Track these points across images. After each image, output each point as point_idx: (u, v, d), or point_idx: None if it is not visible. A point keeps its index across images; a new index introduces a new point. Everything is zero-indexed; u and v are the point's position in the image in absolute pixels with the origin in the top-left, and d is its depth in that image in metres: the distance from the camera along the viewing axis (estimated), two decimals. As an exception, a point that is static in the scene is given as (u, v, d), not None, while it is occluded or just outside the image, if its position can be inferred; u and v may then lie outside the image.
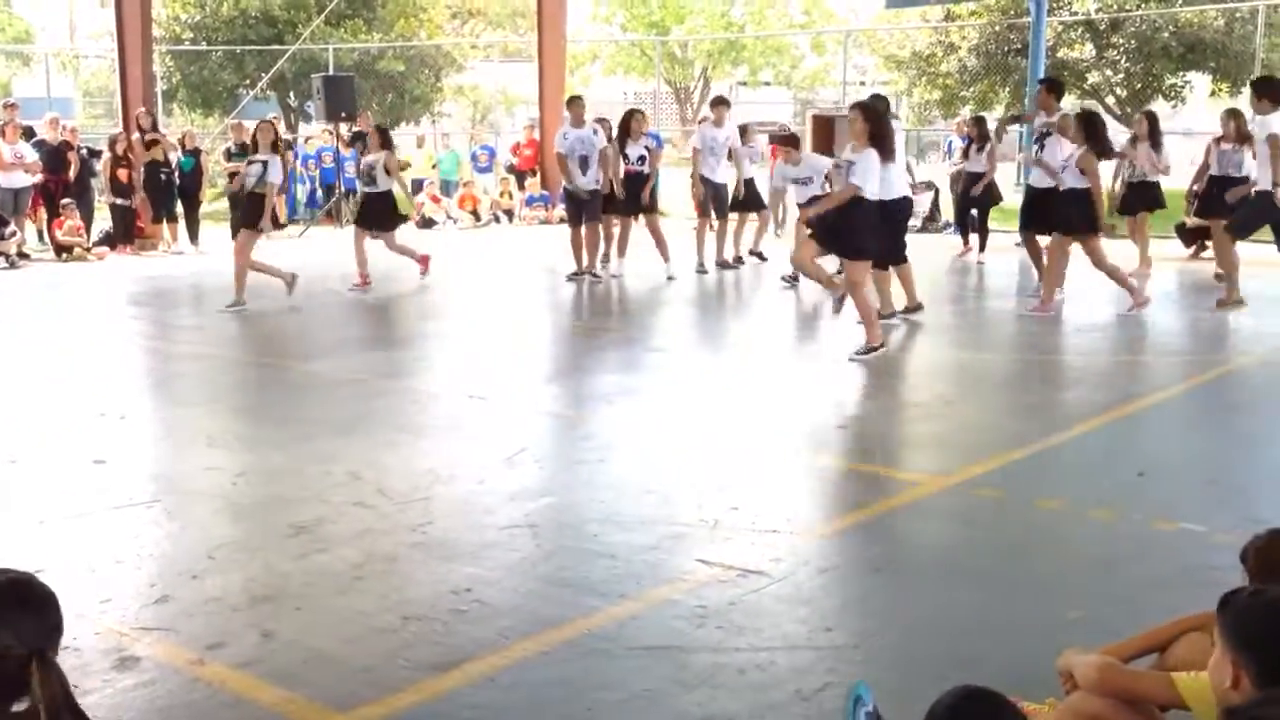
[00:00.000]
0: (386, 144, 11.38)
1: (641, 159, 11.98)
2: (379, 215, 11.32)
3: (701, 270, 12.29)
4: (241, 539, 4.44)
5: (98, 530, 4.50)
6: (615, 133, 12.11)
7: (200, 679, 3.28)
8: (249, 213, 10.19)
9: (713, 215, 12.60)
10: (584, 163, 11.53)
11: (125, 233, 15.00)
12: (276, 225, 11.16)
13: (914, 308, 9.33)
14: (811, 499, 5.00)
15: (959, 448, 5.88)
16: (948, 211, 16.06)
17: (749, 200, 12.85)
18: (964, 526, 4.64)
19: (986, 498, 4.95)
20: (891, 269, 8.96)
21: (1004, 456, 5.57)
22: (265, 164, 10.03)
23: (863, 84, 30.23)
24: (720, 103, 13.06)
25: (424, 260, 11.90)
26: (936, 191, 17.08)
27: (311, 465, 5.38)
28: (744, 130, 13.78)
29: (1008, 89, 23.41)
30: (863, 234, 7.79)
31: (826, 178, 9.73)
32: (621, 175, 11.80)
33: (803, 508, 4.83)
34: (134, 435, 6.12)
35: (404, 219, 12.38)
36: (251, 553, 4.26)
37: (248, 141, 16.12)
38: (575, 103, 11.98)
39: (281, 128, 18.10)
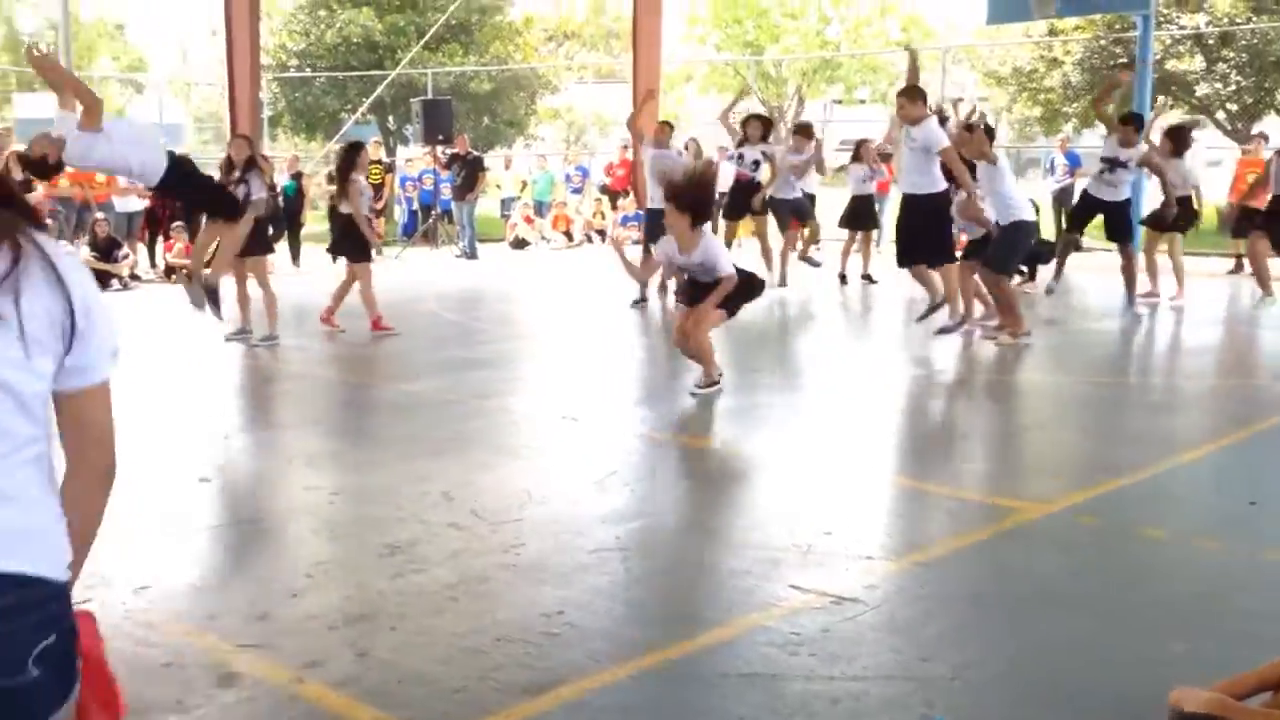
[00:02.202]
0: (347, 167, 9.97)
1: (756, 164, 12.01)
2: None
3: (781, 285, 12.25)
4: (338, 558, 4.51)
5: (202, 547, 4.61)
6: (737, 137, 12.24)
7: (298, 697, 3.33)
8: (250, 238, 9.41)
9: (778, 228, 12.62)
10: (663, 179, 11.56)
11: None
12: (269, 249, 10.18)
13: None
14: (907, 525, 4.91)
15: (1060, 474, 5.75)
16: (1047, 231, 15.73)
17: (864, 218, 12.89)
18: (1065, 555, 4.52)
19: (1088, 525, 4.82)
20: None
21: (1107, 483, 5.42)
22: (246, 183, 9.34)
23: (960, 100, 29.83)
24: (800, 131, 13.05)
25: (375, 321, 9.99)
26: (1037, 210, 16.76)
27: (406, 485, 5.45)
28: (861, 147, 13.75)
29: (1112, 105, 22.87)
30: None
31: None
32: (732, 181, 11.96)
33: (898, 534, 4.75)
34: (237, 454, 6.27)
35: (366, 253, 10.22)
36: (348, 572, 4.33)
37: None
38: (662, 126, 12.09)
39: (382, 151, 18.46)
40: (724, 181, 12.56)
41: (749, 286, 7.37)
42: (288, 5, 26.18)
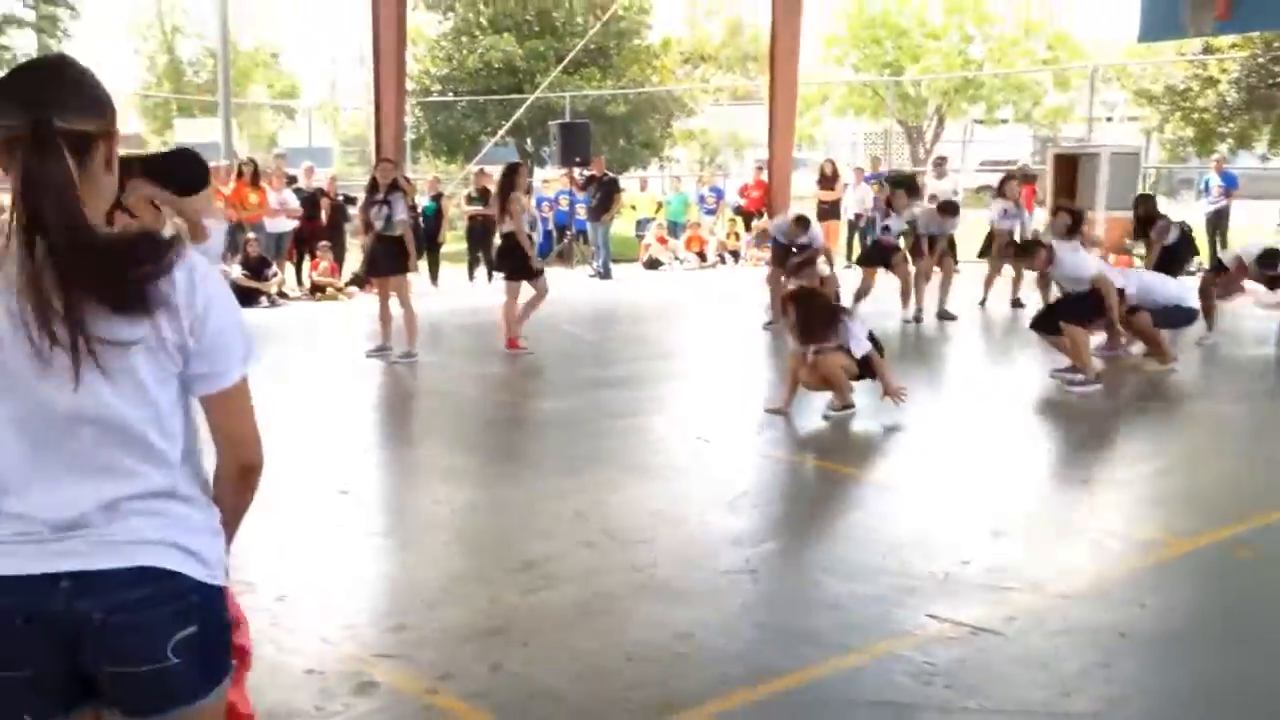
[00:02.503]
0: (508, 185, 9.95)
1: (900, 235, 11.96)
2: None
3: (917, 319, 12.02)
4: (472, 572, 4.57)
5: (341, 558, 4.72)
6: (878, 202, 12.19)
7: (433, 707, 3.38)
8: (393, 257, 9.62)
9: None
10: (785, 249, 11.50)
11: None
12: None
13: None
14: (1049, 555, 4.76)
15: (1211, 505, 5.51)
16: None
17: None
18: (1220, 589, 4.32)
19: (1242, 559, 4.60)
20: None
21: (1262, 516, 5.17)
22: (389, 204, 9.55)
23: (1109, 120, 29.04)
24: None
25: (512, 342, 10.00)
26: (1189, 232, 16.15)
27: (540, 502, 5.50)
28: (1007, 180, 13.46)
29: (1270, 125, 21.99)
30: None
31: None
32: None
33: (1039, 564, 4.60)
34: (375, 467, 6.42)
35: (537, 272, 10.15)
36: (481, 586, 4.38)
37: (488, 187, 16.92)
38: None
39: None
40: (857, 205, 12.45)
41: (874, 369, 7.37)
42: (432, 32, 26.89)
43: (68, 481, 1.72)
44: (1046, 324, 8.62)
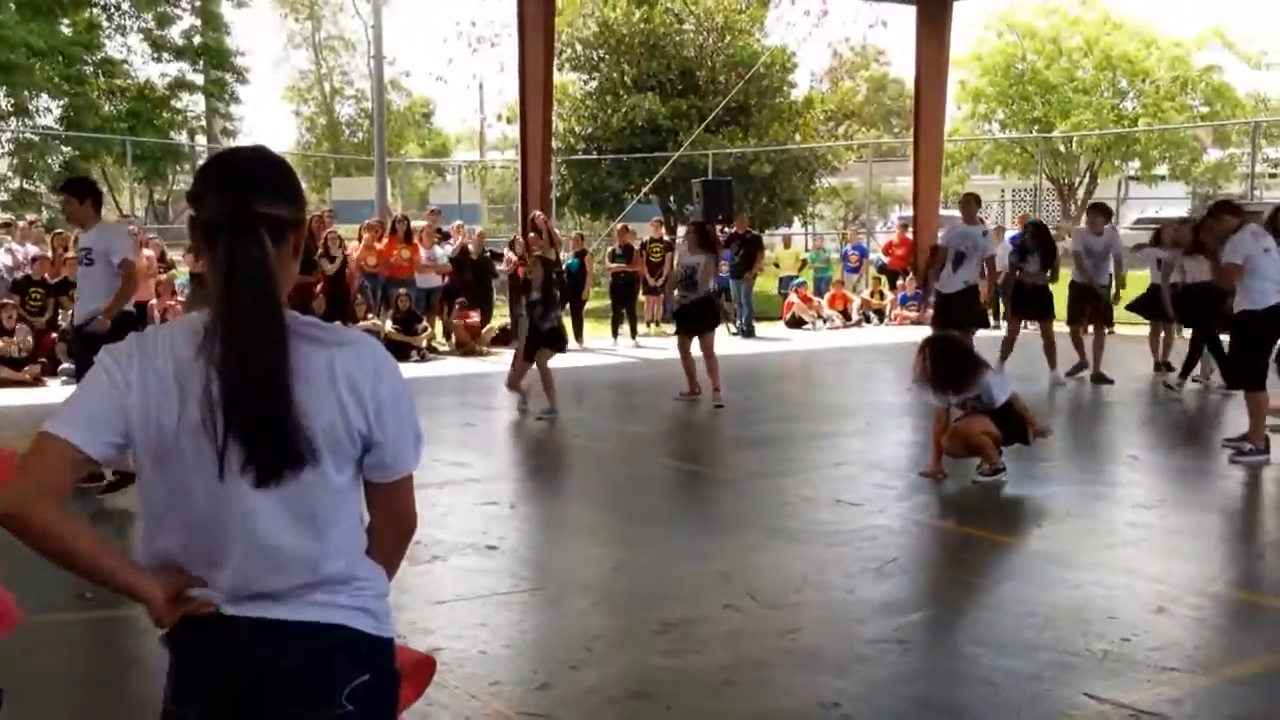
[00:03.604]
0: (707, 245, 10.61)
1: (1041, 269, 11.63)
2: (698, 319, 10.57)
3: (1073, 376, 11.62)
4: (616, 632, 4.57)
5: (487, 614, 4.77)
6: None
7: (576, 770, 3.38)
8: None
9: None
10: (959, 259, 11.22)
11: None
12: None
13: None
14: (1219, 635, 4.53)
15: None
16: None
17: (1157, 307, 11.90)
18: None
19: None
20: None
21: None
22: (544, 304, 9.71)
23: (1274, 177, 27.90)
24: (1096, 210, 12.37)
25: (692, 389, 10.59)
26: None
27: (683, 562, 5.48)
28: (1162, 230, 12.94)
29: None
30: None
31: None
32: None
33: (1207, 644, 4.38)
34: (521, 524, 6.49)
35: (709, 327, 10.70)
36: (625, 647, 4.38)
37: (631, 244, 17.13)
38: (969, 200, 11.77)
39: (663, 230, 18.87)
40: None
41: (1020, 428, 7.17)
42: (576, 92, 27.46)
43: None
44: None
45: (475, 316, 15.71)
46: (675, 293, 10.91)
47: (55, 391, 11.04)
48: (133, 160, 23.78)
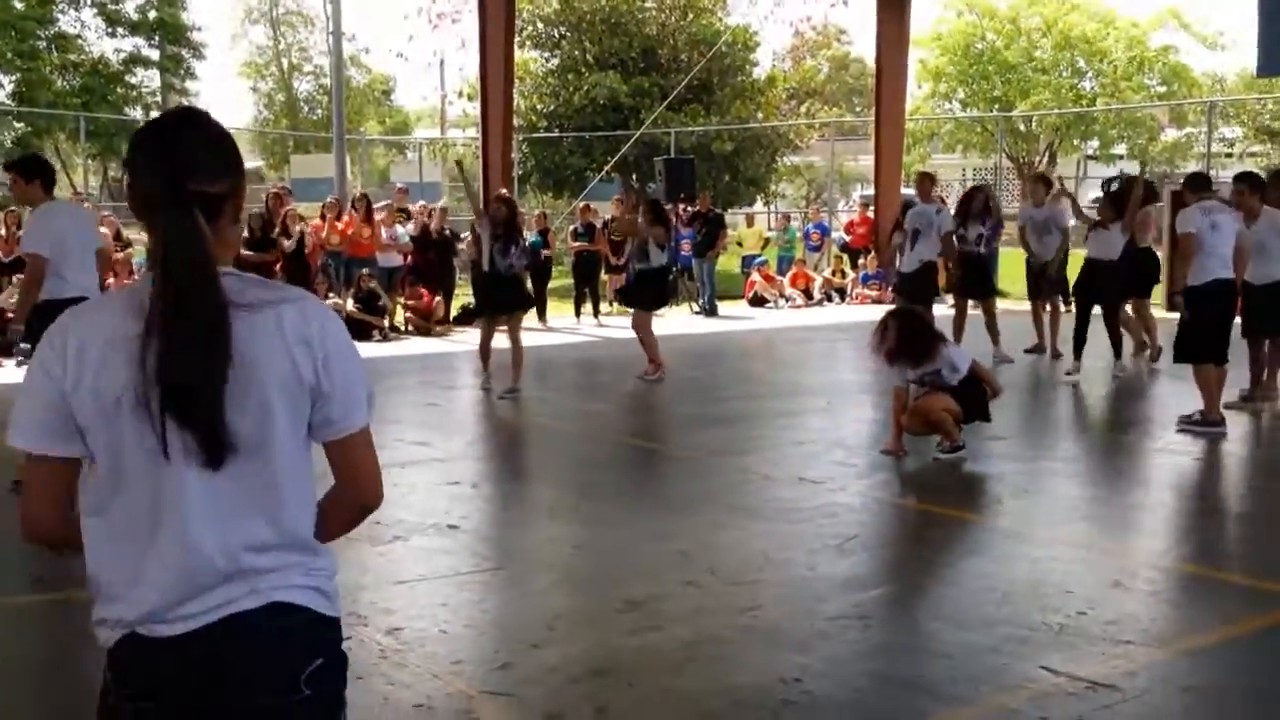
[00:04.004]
0: (661, 220, 10.70)
1: (980, 239, 11.64)
2: (646, 293, 10.70)
3: (1036, 351, 11.72)
4: (578, 611, 4.58)
5: (449, 593, 4.76)
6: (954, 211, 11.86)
7: (538, 748, 3.38)
8: (511, 295, 9.85)
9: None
10: (915, 237, 11.28)
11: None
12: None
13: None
14: (1173, 609, 4.59)
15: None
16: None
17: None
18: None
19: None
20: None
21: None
22: (513, 245, 9.67)
23: (1229, 156, 28.19)
24: (1036, 180, 12.45)
25: (656, 365, 10.48)
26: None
27: (645, 541, 5.50)
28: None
29: None
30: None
31: None
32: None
33: (1162, 618, 4.45)
34: (483, 503, 6.48)
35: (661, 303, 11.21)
36: (587, 625, 4.39)
37: (594, 223, 17.09)
38: (924, 179, 11.82)
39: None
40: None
41: (978, 403, 7.23)
42: (538, 70, 27.31)
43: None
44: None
45: (426, 296, 15.57)
46: (630, 264, 10.91)
47: (11, 372, 10.88)
48: (86, 137, 23.39)
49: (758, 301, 18.70)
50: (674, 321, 16.40)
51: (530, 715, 3.59)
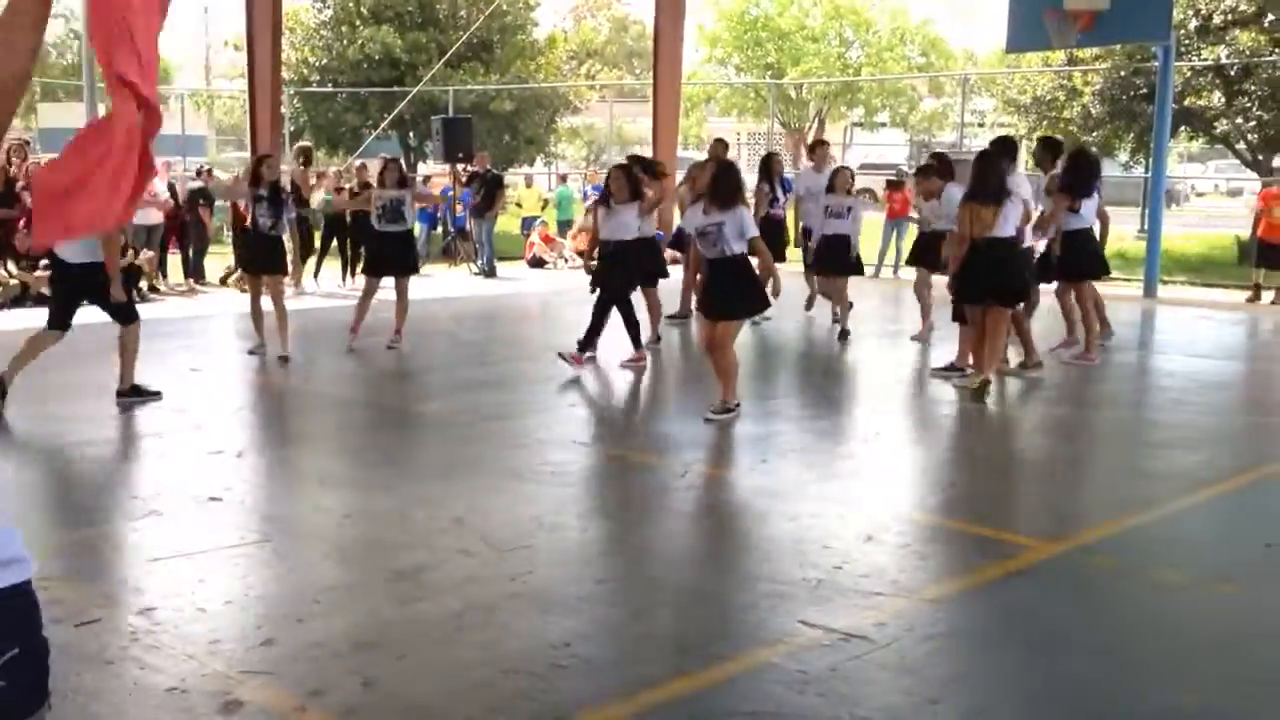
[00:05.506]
0: (404, 182, 10.41)
1: (774, 202, 12.04)
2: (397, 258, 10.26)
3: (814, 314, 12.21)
4: (346, 583, 4.49)
5: (210, 569, 4.59)
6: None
7: (301, 726, 3.31)
8: (271, 255, 9.67)
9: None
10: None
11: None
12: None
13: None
14: (918, 561, 4.87)
15: (1074, 511, 5.72)
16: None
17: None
18: (1078, 597, 4.47)
19: (1101, 567, 4.77)
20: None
21: (1121, 521, 5.38)
22: (280, 203, 9.49)
23: (981, 126, 29.85)
24: (819, 145, 13.03)
25: (355, 328, 10.13)
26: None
27: (416, 509, 5.44)
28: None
29: (1132, 135, 22.86)
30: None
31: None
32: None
33: (910, 570, 4.71)
34: (249, 473, 6.26)
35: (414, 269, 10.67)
36: (355, 598, 4.31)
37: (369, 181, 16.63)
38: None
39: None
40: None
41: (758, 296, 7.49)
42: (310, 21, 26.35)
43: None
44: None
45: (153, 254, 14.67)
46: (377, 224, 10.16)
47: None
48: None
49: (537, 263, 18.68)
50: (452, 283, 16.21)
51: (294, 692, 3.50)
